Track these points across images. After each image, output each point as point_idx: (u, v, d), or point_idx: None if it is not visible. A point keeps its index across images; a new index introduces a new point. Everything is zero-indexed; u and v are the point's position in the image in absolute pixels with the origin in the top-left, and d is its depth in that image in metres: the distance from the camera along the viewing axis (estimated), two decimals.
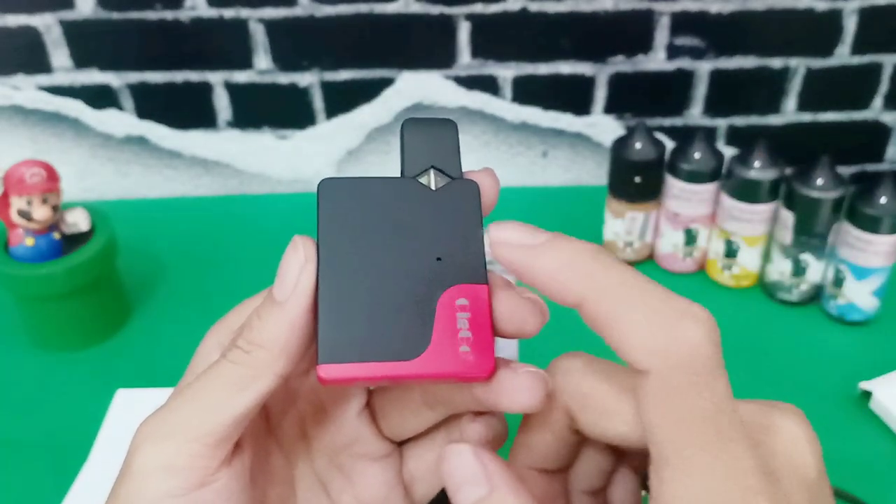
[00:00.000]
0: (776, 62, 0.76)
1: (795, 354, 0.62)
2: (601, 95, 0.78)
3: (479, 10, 0.73)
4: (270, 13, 0.73)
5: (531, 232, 0.23)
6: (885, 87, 0.77)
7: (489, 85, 0.78)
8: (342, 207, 0.25)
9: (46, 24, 0.73)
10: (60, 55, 0.75)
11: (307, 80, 0.77)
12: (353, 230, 0.25)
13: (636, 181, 0.66)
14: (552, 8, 0.73)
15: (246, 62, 0.76)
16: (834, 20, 0.74)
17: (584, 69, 0.77)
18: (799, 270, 0.64)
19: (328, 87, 0.78)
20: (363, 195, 0.25)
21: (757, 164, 0.63)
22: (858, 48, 0.75)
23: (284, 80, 0.77)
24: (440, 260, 0.25)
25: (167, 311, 0.67)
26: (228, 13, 0.73)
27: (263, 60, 0.76)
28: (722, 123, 0.80)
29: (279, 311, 0.24)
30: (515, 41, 0.75)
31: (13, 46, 0.74)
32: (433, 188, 0.26)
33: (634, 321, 0.21)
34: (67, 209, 0.60)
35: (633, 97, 0.78)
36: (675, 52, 0.76)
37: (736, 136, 0.81)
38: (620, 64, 0.77)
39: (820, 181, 0.61)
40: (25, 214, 0.56)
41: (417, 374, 0.24)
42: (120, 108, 0.78)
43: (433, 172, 0.26)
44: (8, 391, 0.60)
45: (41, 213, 0.56)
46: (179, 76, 0.77)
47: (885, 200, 0.59)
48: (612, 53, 0.76)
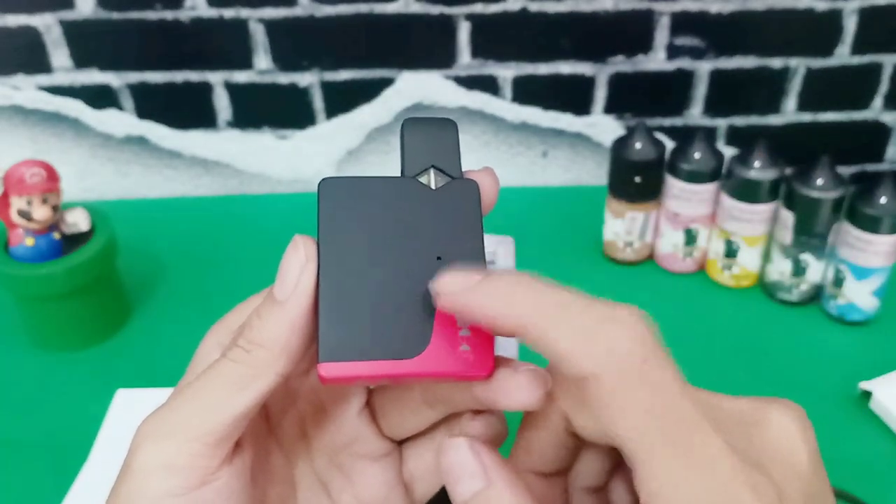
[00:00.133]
0: (776, 62, 0.76)
1: (795, 354, 0.62)
2: (601, 95, 0.78)
3: (479, 10, 0.73)
4: (270, 13, 0.73)
5: (466, 276, 0.23)
6: (885, 87, 0.77)
7: (489, 85, 0.78)
8: (342, 207, 0.25)
9: (46, 24, 0.73)
10: (60, 55, 0.75)
11: (307, 80, 0.77)
12: (353, 229, 0.25)
13: (636, 181, 0.66)
14: (552, 8, 0.73)
15: (246, 62, 0.76)
16: (834, 20, 0.74)
17: (584, 69, 0.77)
18: (799, 270, 0.64)
19: (328, 87, 0.78)
20: (363, 194, 0.26)
21: (757, 164, 0.63)
22: (858, 48, 0.75)
23: (284, 80, 0.77)
24: (440, 259, 0.25)
25: (167, 311, 0.67)
26: (228, 13, 0.73)
27: (263, 60, 0.76)
28: (722, 123, 0.80)
29: (280, 310, 0.24)
30: (515, 41, 0.75)
31: (13, 46, 0.74)
32: (433, 187, 0.26)
33: (563, 336, 0.21)
34: (67, 209, 0.60)
35: (633, 97, 0.78)
36: (675, 52, 0.76)
37: (736, 136, 0.81)
38: (620, 64, 0.77)
39: (820, 181, 0.61)
40: (25, 214, 0.56)
41: (417, 372, 0.24)
42: (120, 108, 0.78)
43: (433, 172, 0.26)
44: (8, 391, 0.60)
45: (41, 213, 0.56)
46: (179, 76, 0.77)
47: (885, 200, 0.59)
48: (612, 53, 0.76)
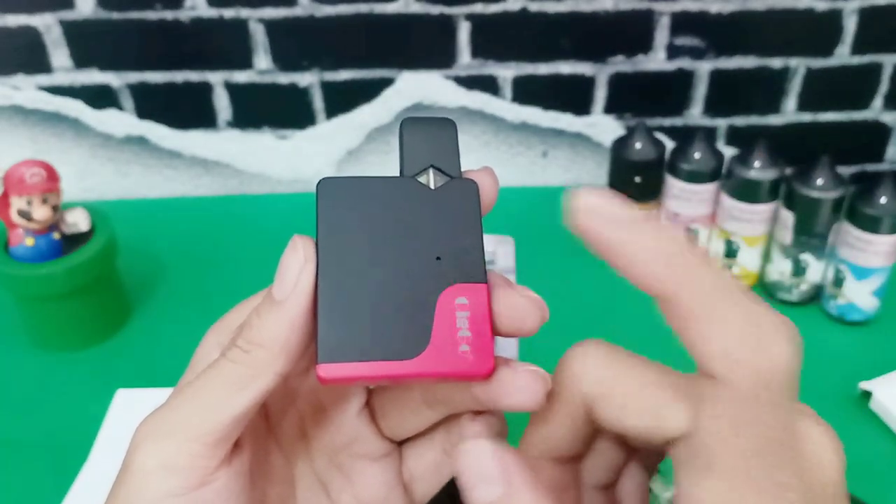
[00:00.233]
0: (776, 62, 0.76)
1: None
2: (601, 95, 0.78)
3: (479, 10, 0.73)
4: (270, 13, 0.73)
5: (624, 206, 0.21)
6: (885, 87, 0.77)
7: (489, 85, 0.78)
8: (341, 207, 0.25)
9: (46, 24, 0.73)
10: (60, 55, 0.75)
11: (307, 80, 0.77)
12: (352, 229, 0.25)
13: (636, 181, 0.66)
14: (552, 8, 0.73)
15: (246, 62, 0.76)
16: (834, 20, 0.74)
17: (584, 69, 0.77)
18: (799, 270, 0.64)
19: (328, 87, 0.78)
20: (362, 194, 0.25)
21: (757, 164, 0.63)
22: (858, 48, 0.75)
23: (284, 80, 0.77)
24: (439, 259, 0.25)
25: (167, 311, 0.67)
26: (228, 13, 0.73)
27: (263, 60, 0.76)
28: (722, 123, 0.80)
29: (279, 310, 0.24)
30: (515, 41, 0.75)
31: (13, 46, 0.74)
32: (432, 187, 0.26)
33: (724, 326, 0.20)
34: (67, 209, 0.60)
35: (633, 97, 0.78)
36: (675, 52, 0.76)
37: (736, 136, 0.81)
38: (620, 64, 0.77)
39: (820, 181, 0.61)
40: (25, 214, 0.56)
41: (417, 373, 0.24)
42: (120, 108, 0.78)
43: (432, 172, 0.26)
44: (8, 391, 0.60)
45: (41, 213, 0.56)
46: (179, 76, 0.77)
47: (885, 200, 0.59)
48: (612, 53, 0.76)
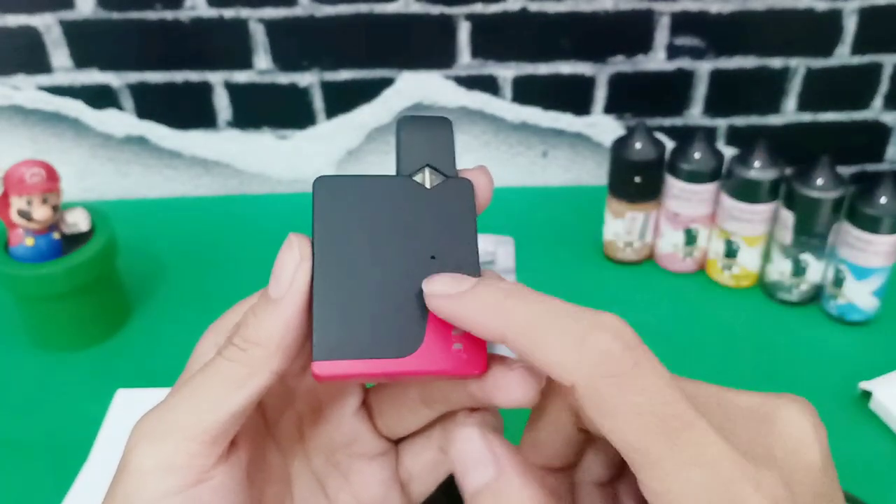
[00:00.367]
0: (776, 62, 0.76)
1: (795, 354, 0.62)
2: (601, 95, 0.78)
3: (479, 10, 0.73)
4: (270, 13, 0.73)
5: (457, 281, 0.24)
6: (885, 87, 0.77)
7: (489, 85, 0.78)
8: (337, 205, 0.25)
9: (46, 24, 0.73)
10: (60, 55, 0.75)
11: (307, 80, 0.77)
12: (348, 228, 0.25)
13: (636, 181, 0.66)
14: (552, 8, 0.73)
15: (246, 62, 0.76)
16: (834, 20, 0.74)
17: (584, 69, 0.77)
18: (799, 270, 0.64)
19: (328, 87, 0.78)
20: (358, 193, 0.26)
21: (757, 164, 0.63)
22: (858, 48, 0.75)
23: (284, 80, 0.77)
24: (434, 258, 0.25)
25: (167, 311, 0.67)
26: (228, 13, 0.73)
27: (263, 60, 0.76)
28: (722, 123, 0.80)
29: (275, 308, 0.24)
30: (515, 41, 0.75)
31: (13, 46, 0.74)
32: (428, 187, 0.26)
33: (549, 344, 0.22)
34: (67, 209, 0.60)
35: (633, 97, 0.78)
36: (675, 52, 0.76)
37: (736, 136, 0.81)
38: (620, 64, 0.77)
39: (820, 181, 0.61)
40: (25, 214, 0.56)
41: (411, 371, 0.24)
42: (120, 108, 0.78)
43: (428, 171, 0.26)
44: (8, 391, 0.60)
45: (41, 213, 0.56)
46: (179, 76, 0.77)
47: (885, 200, 0.59)
48: (612, 53, 0.76)
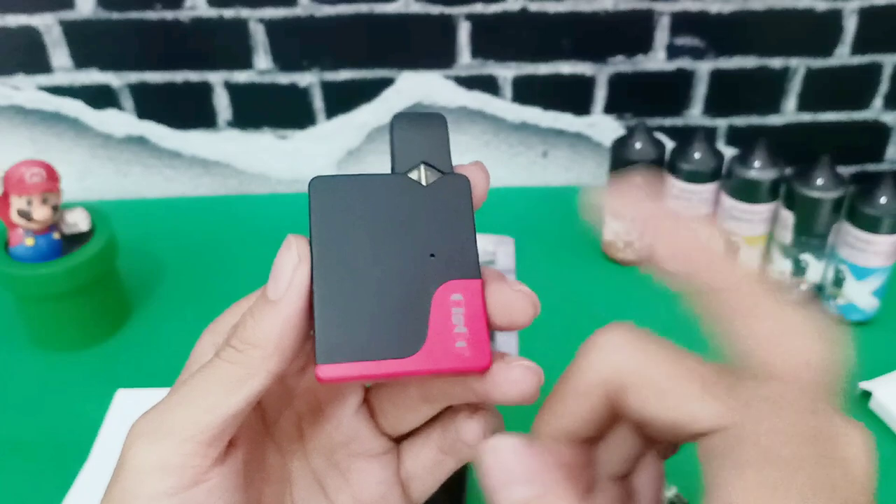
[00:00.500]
0: (776, 62, 0.76)
1: None
2: (601, 95, 0.78)
3: (479, 10, 0.73)
4: (270, 13, 0.73)
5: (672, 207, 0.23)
6: (885, 87, 0.77)
7: (489, 85, 0.78)
8: (334, 206, 0.25)
9: (46, 24, 0.73)
10: (60, 55, 0.75)
11: (307, 80, 0.77)
12: (345, 228, 0.25)
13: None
14: (552, 8, 0.73)
15: (246, 62, 0.76)
16: (834, 20, 0.74)
17: (584, 69, 0.77)
18: (799, 270, 0.64)
19: (328, 87, 0.78)
20: (355, 193, 0.26)
21: (757, 164, 0.63)
22: (858, 48, 0.75)
23: (284, 80, 0.77)
24: (433, 256, 0.25)
25: (167, 311, 0.67)
26: (228, 13, 0.73)
27: (263, 60, 0.76)
28: (722, 123, 0.80)
29: (273, 309, 0.24)
30: (515, 41, 0.75)
31: (13, 46, 0.74)
32: (424, 184, 0.26)
33: (767, 325, 0.20)
34: (67, 209, 0.60)
35: (633, 97, 0.78)
36: (675, 52, 0.76)
37: (736, 136, 0.81)
38: (620, 64, 0.77)
39: (820, 181, 0.61)
40: (25, 214, 0.56)
41: (415, 371, 0.24)
42: (120, 108, 0.78)
43: (423, 168, 0.26)
44: (8, 391, 0.60)
45: (41, 213, 0.56)
46: (179, 76, 0.77)
47: (885, 200, 0.59)
48: (612, 53, 0.76)
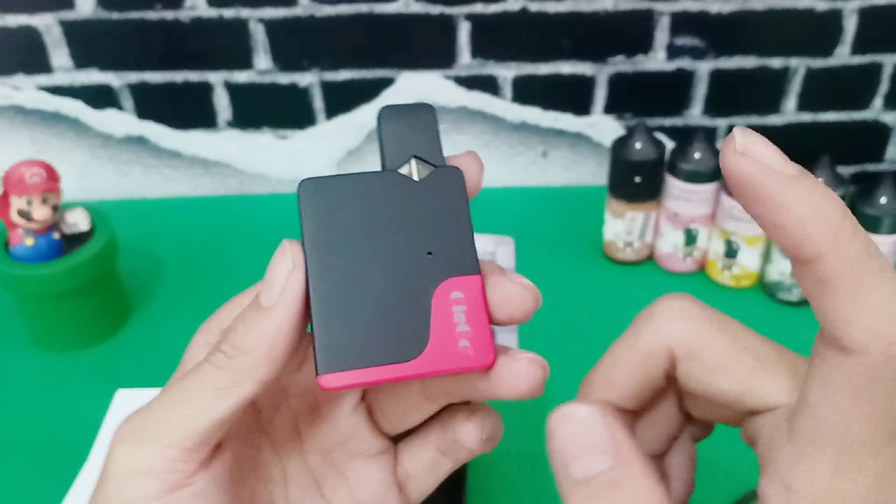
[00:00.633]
0: (776, 62, 0.76)
1: None
2: (601, 95, 0.78)
3: (479, 10, 0.73)
4: (270, 13, 0.73)
5: (782, 156, 0.19)
6: (885, 87, 0.77)
7: (489, 85, 0.78)
8: (325, 208, 0.25)
9: (46, 24, 0.73)
10: (60, 55, 0.75)
11: (307, 80, 0.77)
12: (338, 231, 0.24)
13: (636, 181, 0.66)
14: (552, 8, 0.73)
15: (246, 62, 0.76)
16: (834, 20, 0.74)
17: (584, 69, 0.77)
18: None
19: (328, 87, 0.78)
20: (346, 194, 0.25)
21: None
22: (858, 48, 0.75)
23: (284, 80, 0.77)
24: (430, 254, 0.24)
25: (167, 311, 0.67)
26: (228, 13, 0.73)
27: (263, 60, 0.76)
28: (722, 123, 0.80)
29: (265, 316, 0.24)
30: (515, 41, 0.75)
31: (13, 46, 0.74)
32: (416, 179, 0.25)
33: (866, 296, 0.19)
34: (67, 209, 0.60)
35: (633, 97, 0.78)
36: (675, 52, 0.76)
37: None
38: (620, 64, 0.77)
39: (820, 181, 0.61)
40: (25, 214, 0.56)
41: (419, 373, 0.24)
42: (120, 108, 0.78)
43: (414, 162, 0.25)
44: (8, 391, 0.60)
45: (41, 213, 0.56)
46: (179, 76, 0.77)
47: (885, 200, 0.59)
48: (612, 53, 0.76)
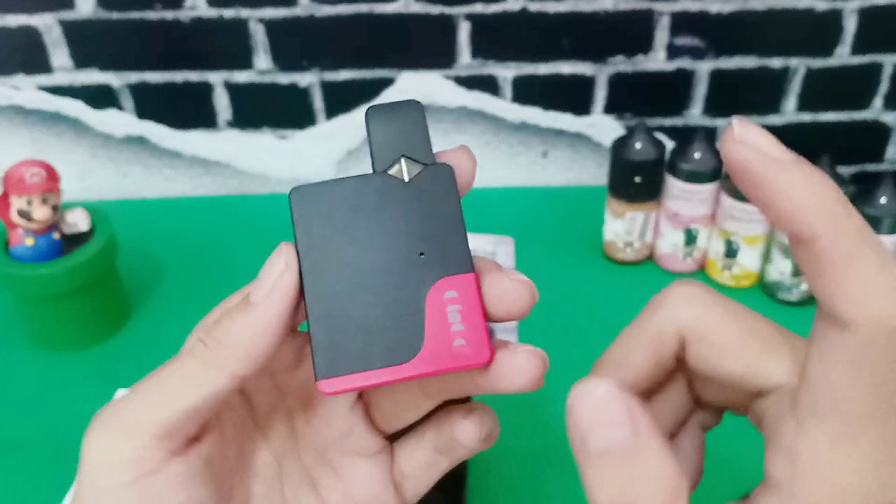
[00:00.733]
0: (776, 62, 0.76)
1: None
2: (601, 95, 0.78)
3: (479, 10, 0.73)
4: (270, 13, 0.73)
5: (776, 144, 0.20)
6: (885, 87, 0.77)
7: (489, 85, 0.78)
8: (317, 216, 0.25)
9: (46, 24, 0.73)
10: (60, 55, 0.75)
11: (307, 80, 0.77)
12: (331, 238, 0.24)
13: (636, 181, 0.66)
14: (552, 8, 0.73)
15: (246, 62, 0.76)
16: (834, 20, 0.74)
17: (584, 69, 0.77)
18: (799, 270, 0.64)
19: (328, 87, 0.78)
20: (336, 199, 0.25)
21: None
22: (858, 48, 0.75)
23: (284, 80, 0.77)
24: (423, 255, 0.24)
25: (167, 311, 0.67)
26: (228, 13, 0.73)
27: (263, 60, 0.76)
28: (722, 123, 0.80)
29: (251, 312, 0.24)
30: (515, 41, 0.75)
31: (13, 46, 0.74)
32: (406, 179, 0.25)
33: (861, 273, 0.19)
34: (67, 209, 0.60)
35: (633, 97, 0.78)
36: (675, 52, 0.76)
37: None
38: (620, 64, 0.77)
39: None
40: (25, 214, 0.56)
41: (416, 375, 0.24)
42: (120, 108, 0.78)
43: (404, 161, 0.25)
44: (8, 391, 0.60)
45: (41, 213, 0.56)
46: (179, 76, 0.77)
47: (885, 200, 0.59)
48: (612, 53, 0.76)
